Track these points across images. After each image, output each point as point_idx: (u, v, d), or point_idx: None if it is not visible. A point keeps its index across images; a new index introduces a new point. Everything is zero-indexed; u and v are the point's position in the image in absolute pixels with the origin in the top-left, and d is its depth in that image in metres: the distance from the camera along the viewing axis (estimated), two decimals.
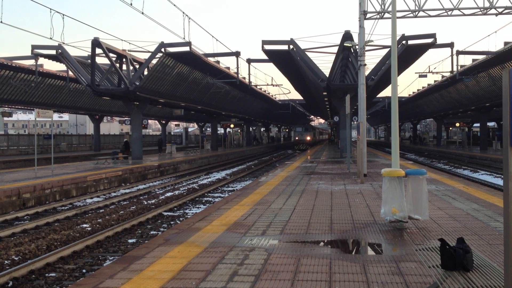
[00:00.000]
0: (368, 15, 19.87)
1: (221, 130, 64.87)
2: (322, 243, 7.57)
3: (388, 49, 29.26)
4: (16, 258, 9.22)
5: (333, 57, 30.76)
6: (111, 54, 28.46)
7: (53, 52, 30.27)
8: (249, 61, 40.94)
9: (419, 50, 31.53)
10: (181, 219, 13.64)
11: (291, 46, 30.77)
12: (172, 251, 7.04)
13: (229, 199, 12.59)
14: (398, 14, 19.32)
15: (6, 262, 8.98)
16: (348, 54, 28.99)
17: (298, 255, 6.76)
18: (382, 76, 31.36)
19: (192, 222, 9.32)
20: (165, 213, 14.51)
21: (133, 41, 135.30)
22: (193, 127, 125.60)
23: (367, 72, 25.65)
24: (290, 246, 7.31)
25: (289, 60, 32.58)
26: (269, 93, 56.63)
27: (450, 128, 71.96)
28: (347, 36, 26.56)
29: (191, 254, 6.88)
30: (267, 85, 49.44)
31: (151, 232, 11.86)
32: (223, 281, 5.62)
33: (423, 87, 55.67)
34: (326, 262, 6.35)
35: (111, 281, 5.68)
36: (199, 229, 8.65)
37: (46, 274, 8.34)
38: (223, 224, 9.11)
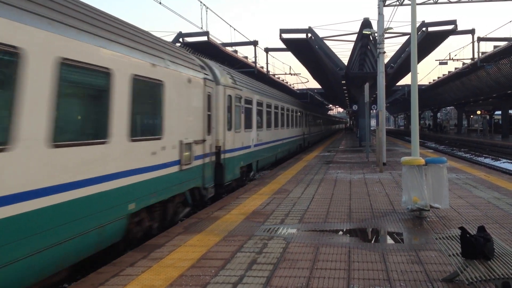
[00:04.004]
0: (387, 2, 19.62)
1: None
2: (341, 232, 7.56)
3: (407, 36, 28.91)
4: None
5: (351, 45, 30.54)
6: None
7: None
8: (267, 50, 40.74)
9: (440, 37, 31.04)
10: (200, 208, 13.71)
11: (309, 35, 30.56)
12: (191, 240, 7.10)
13: (248, 188, 12.62)
14: (418, 1, 19.02)
15: None
16: (367, 42, 28.66)
17: (317, 243, 6.76)
18: (402, 63, 31.00)
19: (211, 211, 9.38)
20: None
21: (152, 31, 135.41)
22: None
23: (386, 60, 25.39)
24: (309, 235, 7.31)
25: (307, 48, 32.36)
26: (287, 82, 56.29)
27: (471, 116, 70.89)
28: (366, 23, 26.26)
29: (210, 242, 6.93)
30: (285, 74, 49.14)
31: None
32: (242, 269, 5.65)
33: (443, 75, 54.88)
34: (345, 251, 6.35)
35: (132, 269, 5.76)
36: (218, 218, 8.71)
37: None
38: (242, 213, 9.15)
